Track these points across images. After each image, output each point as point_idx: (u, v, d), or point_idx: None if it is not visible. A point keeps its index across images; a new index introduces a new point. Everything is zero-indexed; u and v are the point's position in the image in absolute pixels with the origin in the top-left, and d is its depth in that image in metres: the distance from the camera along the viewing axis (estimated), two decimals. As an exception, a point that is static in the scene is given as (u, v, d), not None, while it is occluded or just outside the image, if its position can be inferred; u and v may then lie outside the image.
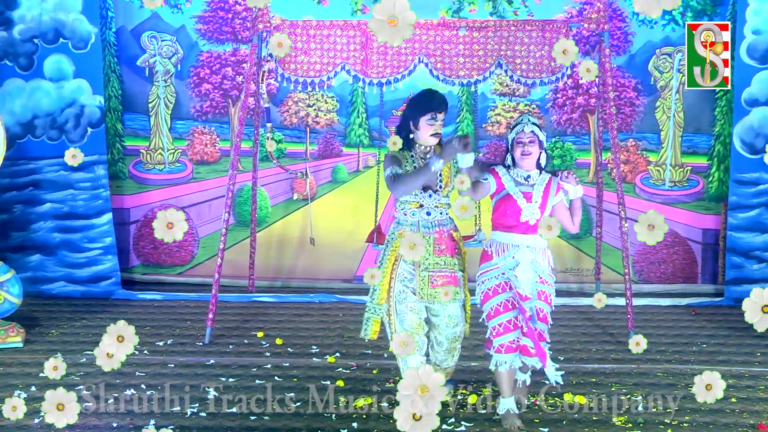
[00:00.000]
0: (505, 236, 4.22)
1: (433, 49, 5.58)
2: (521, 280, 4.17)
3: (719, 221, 7.02)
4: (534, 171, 4.25)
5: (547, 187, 4.24)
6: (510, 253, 4.19)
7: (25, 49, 6.61)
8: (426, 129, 4.26)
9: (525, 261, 4.18)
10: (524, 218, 4.17)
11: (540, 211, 4.18)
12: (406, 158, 4.31)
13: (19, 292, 5.66)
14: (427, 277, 4.26)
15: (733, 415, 4.40)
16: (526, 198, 4.18)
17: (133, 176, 7.29)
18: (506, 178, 4.22)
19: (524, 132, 4.21)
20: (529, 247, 4.20)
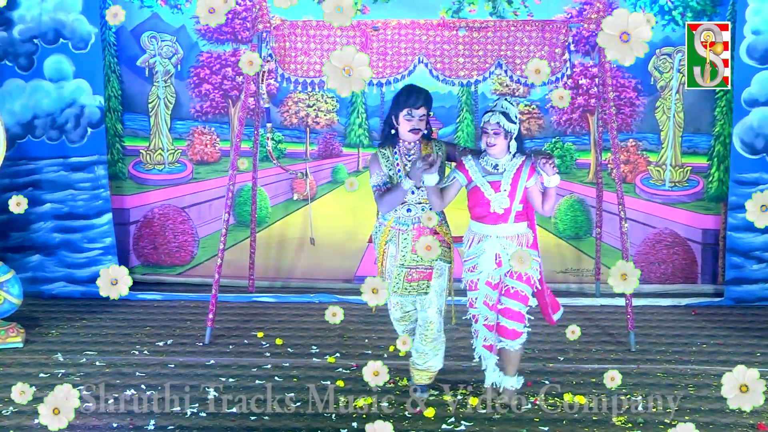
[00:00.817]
0: (477, 226, 4.33)
1: (432, 50, 5.57)
2: (482, 267, 4.30)
3: (719, 221, 7.01)
4: (504, 158, 4.27)
5: (517, 172, 4.25)
6: (481, 243, 4.31)
7: (25, 49, 6.61)
8: (404, 125, 4.37)
9: (490, 251, 4.27)
10: (493, 209, 4.23)
11: (509, 200, 4.22)
12: (387, 157, 4.43)
13: (19, 292, 5.67)
14: (403, 273, 4.42)
15: (732, 415, 4.40)
16: (494, 188, 4.22)
17: (133, 176, 7.28)
18: (474, 170, 4.27)
19: (489, 123, 4.22)
20: (499, 237, 4.27)
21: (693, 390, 4.78)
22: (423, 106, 4.35)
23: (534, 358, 5.35)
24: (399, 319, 4.66)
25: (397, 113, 4.38)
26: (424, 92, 4.41)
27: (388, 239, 4.48)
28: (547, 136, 7.09)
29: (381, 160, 4.45)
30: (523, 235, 4.35)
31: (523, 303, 4.38)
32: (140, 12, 7.06)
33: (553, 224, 7.16)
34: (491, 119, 4.21)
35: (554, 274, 7.13)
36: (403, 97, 4.39)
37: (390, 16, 6.10)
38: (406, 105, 4.35)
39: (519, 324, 4.39)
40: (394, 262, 4.45)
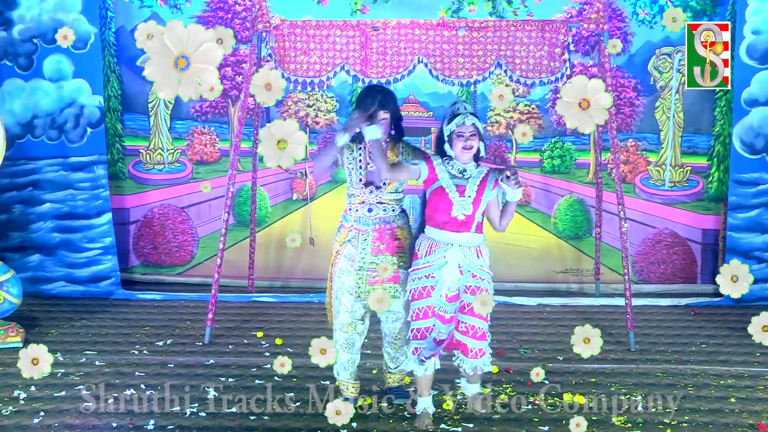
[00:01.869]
0: (436, 233, 4.10)
1: (432, 49, 5.57)
2: (445, 280, 4.06)
3: (719, 221, 7.02)
4: (470, 164, 4.11)
5: (483, 182, 4.09)
6: (441, 251, 4.07)
7: (24, 49, 6.61)
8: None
9: (453, 261, 4.06)
10: (454, 213, 4.04)
11: (473, 207, 4.04)
12: (352, 150, 4.32)
13: (18, 292, 5.67)
14: (365, 276, 4.29)
15: (732, 415, 4.40)
16: (459, 192, 4.05)
17: (132, 176, 7.28)
18: (440, 169, 4.10)
19: (465, 125, 4.04)
20: (461, 246, 4.07)
21: (692, 390, 4.78)
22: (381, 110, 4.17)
23: (533, 358, 5.35)
24: (345, 326, 4.40)
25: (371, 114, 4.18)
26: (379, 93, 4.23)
27: (346, 239, 4.35)
28: (546, 136, 7.09)
29: (345, 151, 4.30)
30: (483, 248, 4.15)
31: (485, 321, 4.14)
32: (140, 12, 7.06)
33: (553, 224, 7.16)
34: (466, 121, 4.02)
35: (554, 274, 7.14)
36: (361, 98, 4.24)
37: (390, 16, 6.10)
38: (359, 107, 4.19)
39: (483, 342, 4.13)
40: (352, 264, 4.31)
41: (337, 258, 4.40)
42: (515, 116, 7.08)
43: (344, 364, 4.46)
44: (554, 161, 7.09)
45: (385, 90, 4.33)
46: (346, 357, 4.44)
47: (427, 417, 4.24)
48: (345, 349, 4.43)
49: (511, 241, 6.95)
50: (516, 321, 6.15)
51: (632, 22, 6.92)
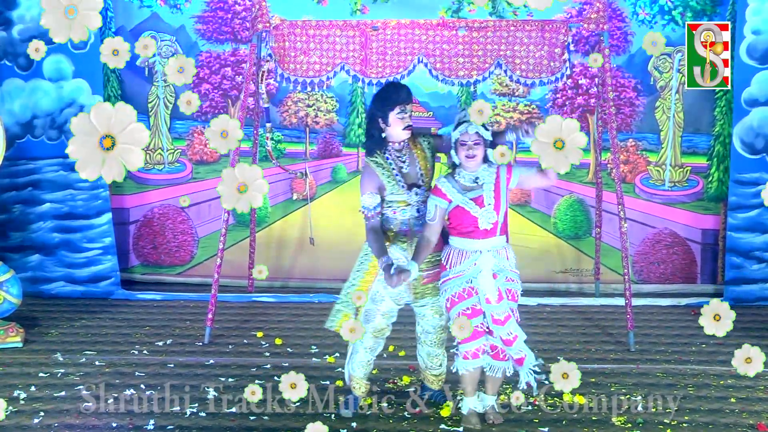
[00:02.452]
0: (464, 242, 4.09)
1: (432, 49, 5.57)
2: (485, 287, 4.04)
3: (719, 221, 7.01)
4: (481, 168, 4.08)
5: (497, 182, 4.06)
6: (471, 259, 4.06)
7: (24, 49, 6.60)
8: (397, 124, 4.20)
9: (486, 267, 4.05)
10: (482, 226, 4.03)
11: (496, 213, 4.03)
12: (382, 165, 4.26)
13: (18, 292, 5.66)
14: (420, 277, 4.25)
15: (732, 415, 4.40)
16: (479, 204, 4.03)
17: (132, 176, 7.28)
18: (451, 192, 4.06)
19: (468, 134, 4.02)
20: (490, 251, 4.07)
21: (692, 390, 4.78)
22: (409, 101, 4.22)
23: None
24: (377, 331, 4.35)
25: (387, 112, 4.19)
26: (407, 87, 4.29)
27: (392, 243, 4.28)
28: (546, 136, 7.07)
29: (376, 171, 4.25)
30: (509, 249, 4.16)
31: (516, 321, 4.14)
32: (140, 12, 7.06)
33: (552, 224, 7.16)
34: (469, 130, 4.00)
35: (554, 274, 7.14)
36: (393, 94, 4.21)
37: (389, 16, 6.10)
38: (397, 102, 4.17)
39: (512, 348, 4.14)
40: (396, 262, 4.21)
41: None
42: (515, 116, 7.08)
43: (362, 364, 4.44)
44: (554, 161, 7.08)
45: (405, 85, 4.33)
46: (366, 358, 4.43)
47: (474, 416, 4.25)
48: (369, 352, 4.41)
49: (511, 241, 6.92)
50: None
51: (632, 22, 6.92)
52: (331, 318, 4.40)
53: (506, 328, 4.07)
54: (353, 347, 4.44)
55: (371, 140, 4.32)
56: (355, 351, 4.43)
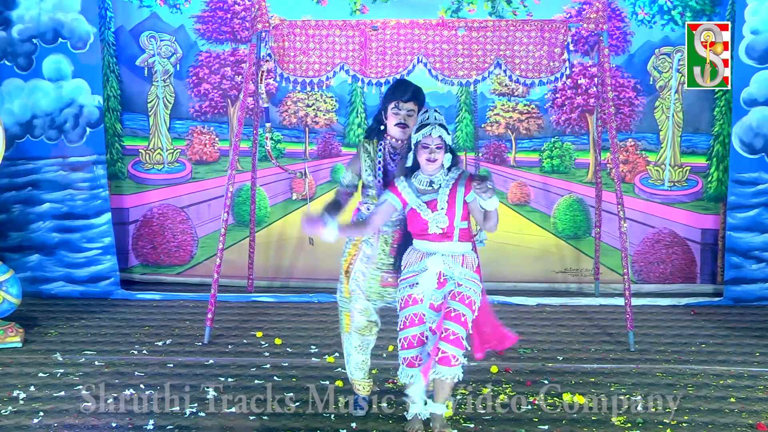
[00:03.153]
0: (420, 244, 4.04)
1: (431, 49, 5.57)
2: (422, 286, 3.95)
3: (718, 221, 7.02)
4: (439, 174, 4.00)
5: (453, 188, 3.98)
6: (424, 260, 3.99)
7: (23, 49, 6.61)
8: (391, 119, 4.20)
9: (432, 269, 3.96)
10: (431, 230, 3.96)
11: (448, 218, 3.95)
12: (369, 152, 4.27)
13: (18, 292, 5.66)
14: (378, 276, 4.24)
15: (732, 415, 4.40)
16: (431, 207, 3.95)
17: (132, 176, 7.28)
18: (406, 192, 3.99)
19: (431, 137, 3.93)
20: (444, 255, 3.98)
21: (692, 390, 4.78)
22: (411, 101, 4.18)
23: (533, 357, 5.35)
24: (361, 329, 4.30)
25: (386, 105, 4.22)
26: (414, 87, 4.24)
27: (363, 239, 4.27)
28: (546, 136, 7.09)
29: (361, 155, 4.28)
30: (469, 256, 4.06)
31: (464, 328, 3.91)
32: (139, 11, 7.06)
33: (552, 224, 7.16)
34: (432, 133, 3.89)
35: (554, 274, 7.14)
36: (391, 90, 4.24)
37: (389, 16, 6.10)
38: (393, 98, 4.19)
39: (458, 350, 3.92)
40: (368, 263, 4.26)
41: (354, 261, 4.31)
42: (515, 116, 7.08)
43: (358, 365, 4.42)
44: (553, 161, 7.09)
45: (416, 85, 4.29)
46: (360, 358, 4.40)
47: (419, 422, 4.14)
48: (360, 352, 4.37)
49: (511, 240, 6.96)
50: (515, 321, 6.14)
51: (632, 21, 6.92)
52: (341, 323, 4.45)
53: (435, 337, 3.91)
54: (345, 349, 4.43)
55: (370, 128, 4.39)
56: (348, 354, 4.42)
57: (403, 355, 4.02)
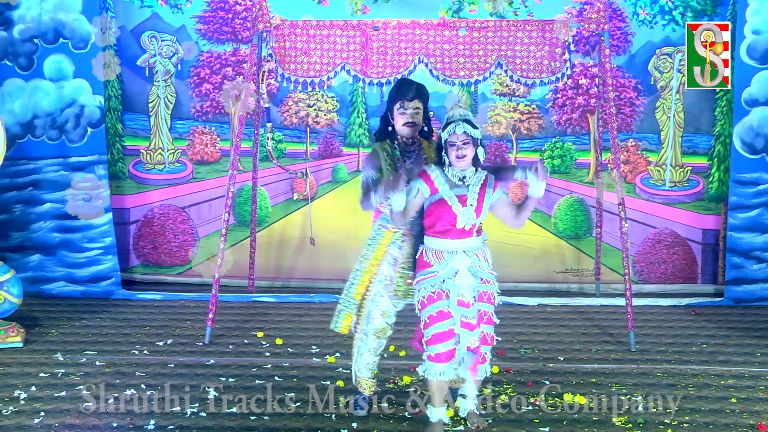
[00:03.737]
0: (439, 242, 4.01)
1: (432, 49, 5.57)
2: (461, 288, 3.96)
3: (719, 221, 7.01)
4: (470, 170, 4.00)
5: (482, 188, 3.99)
6: (447, 260, 3.98)
7: (25, 49, 6.61)
8: (398, 119, 4.22)
9: (463, 267, 3.97)
10: (460, 224, 3.95)
11: (476, 215, 3.96)
12: (388, 152, 4.26)
13: (19, 292, 5.66)
14: (405, 276, 4.26)
15: (733, 415, 4.40)
16: (462, 202, 3.94)
17: (133, 176, 7.28)
18: (439, 181, 3.97)
19: (456, 134, 3.90)
20: (466, 252, 3.99)
21: (693, 390, 4.78)
22: (416, 99, 4.19)
23: (534, 358, 5.35)
24: (378, 331, 4.33)
25: (391, 106, 4.23)
26: (416, 85, 4.25)
27: (391, 242, 4.29)
28: (547, 136, 7.09)
29: (381, 154, 4.25)
30: (485, 250, 4.08)
31: (493, 326, 4.03)
32: (140, 12, 7.06)
33: (553, 224, 7.16)
34: (457, 130, 3.89)
35: (554, 274, 7.14)
36: (395, 90, 4.26)
37: (390, 16, 6.10)
38: (398, 98, 4.21)
39: (489, 347, 4.03)
40: (394, 265, 4.28)
41: (380, 263, 4.29)
42: (516, 116, 7.08)
43: (368, 365, 4.45)
44: (554, 161, 7.09)
45: (418, 83, 4.29)
46: (371, 359, 4.43)
47: (440, 427, 4.14)
48: (373, 353, 4.41)
49: (512, 241, 6.95)
50: (516, 321, 6.15)
51: (633, 22, 6.92)
52: (335, 319, 4.41)
53: (475, 334, 3.96)
54: (358, 349, 4.44)
55: (379, 130, 4.36)
56: (360, 353, 4.43)
57: (431, 351, 3.99)
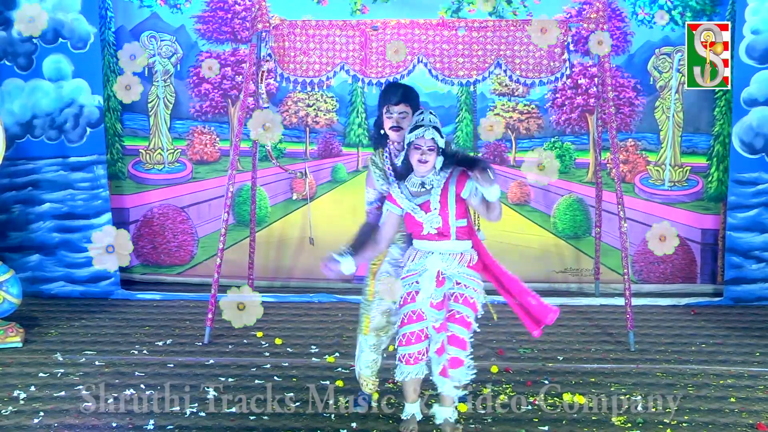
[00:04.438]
0: (419, 243, 4.07)
1: (432, 49, 5.57)
2: (423, 287, 3.99)
3: (718, 221, 7.02)
4: (430, 175, 4.00)
5: (445, 188, 3.99)
6: (423, 260, 4.03)
7: (24, 48, 6.61)
8: (386, 122, 4.24)
9: (432, 268, 4.00)
10: (426, 231, 4.00)
11: (441, 218, 3.97)
12: (378, 165, 4.29)
13: (18, 292, 5.66)
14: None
15: (732, 415, 4.40)
16: (424, 209, 3.98)
17: (132, 176, 7.28)
18: (401, 197, 4.03)
19: (423, 138, 3.92)
20: (442, 254, 4.02)
21: (692, 390, 4.78)
22: (402, 103, 4.19)
23: (533, 357, 5.35)
24: (379, 329, 4.38)
25: (380, 111, 4.25)
26: (403, 88, 4.26)
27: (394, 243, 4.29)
28: (546, 136, 7.09)
29: (372, 170, 4.30)
30: (467, 254, 4.08)
31: (467, 329, 3.98)
32: (140, 11, 7.06)
33: (552, 224, 7.16)
34: (425, 135, 3.91)
35: (553, 274, 7.15)
36: (382, 94, 4.28)
37: (389, 16, 6.10)
38: (384, 102, 4.22)
39: (462, 351, 4.00)
40: (395, 265, 4.30)
41: (380, 264, 4.35)
42: (515, 116, 7.08)
43: (368, 363, 4.46)
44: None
45: (405, 85, 4.32)
46: (372, 357, 4.44)
47: (414, 423, 4.16)
48: (374, 351, 4.43)
49: (511, 240, 6.95)
50: (515, 321, 6.13)
51: (632, 21, 6.92)
52: (360, 325, 4.46)
53: (440, 337, 3.97)
54: (359, 346, 4.46)
55: (372, 137, 4.40)
56: (362, 350, 4.45)
57: (403, 352, 4.04)
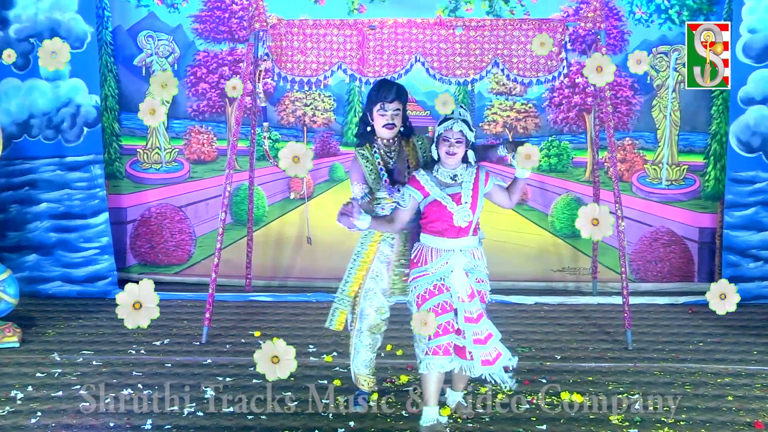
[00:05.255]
0: (435, 240, 4.04)
1: (429, 48, 5.57)
2: (456, 287, 4.00)
3: (716, 220, 7.03)
4: (460, 167, 4.04)
5: (475, 183, 4.03)
6: (443, 258, 4.02)
7: (21, 48, 6.59)
8: (378, 120, 4.24)
9: (459, 266, 4.01)
10: (457, 222, 3.99)
11: (471, 211, 3.99)
12: (366, 158, 4.28)
13: (15, 291, 5.66)
14: (401, 273, 4.29)
15: (729, 414, 4.41)
16: (455, 201, 3.99)
17: (130, 176, 7.28)
18: (429, 185, 4.02)
19: (452, 131, 3.97)
20: (462, 251, 4.03)
21: (690, 388, 4.79)
22: (396, 100, 4.21)
23: (531, 357, 5.35)
24: (372, 327, 4.37)
25: (371, 108, 4.24)
26: (396, 86, 4.27)
27: (381, 239, 4.33)
28: (543, 135, 7.10)
29: (361, 162, 4.29)
30: (478, 249, 4.11)
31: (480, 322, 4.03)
32: (137, 11, 7.05)
33: (550, 223, 7.17)
34: (454, 127, 3.96)
35: (551, 273, 7.15)
36: (375, 92, 4.26)
37: (387, 15, 6.10)
38: (378, 99, 4.22)
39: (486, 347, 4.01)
40: (388, 265, 4.31)
41: (372, 260, 4.35)
42: (512, 115, 7.08)
43: (365, 362, 4.47)
44: (551, 160, 7.10)
45: (397, 83, 4.33)
46: (368, 356, 4.46)
47: (440, 427, 4.16)
48: (369, 349, 4.44)
49: (509, 239, 6.96)
50: (513, 320, 6.16)
51: (629, 20, 6.93)
52: (330, 317, 4.43)
53: (479, 326, 4.00)
54: (355, 347, 4.46)
55: (359, 133, 4.38)
56: (357, 350, 4.45)
57: (436, 344, 4.01)
